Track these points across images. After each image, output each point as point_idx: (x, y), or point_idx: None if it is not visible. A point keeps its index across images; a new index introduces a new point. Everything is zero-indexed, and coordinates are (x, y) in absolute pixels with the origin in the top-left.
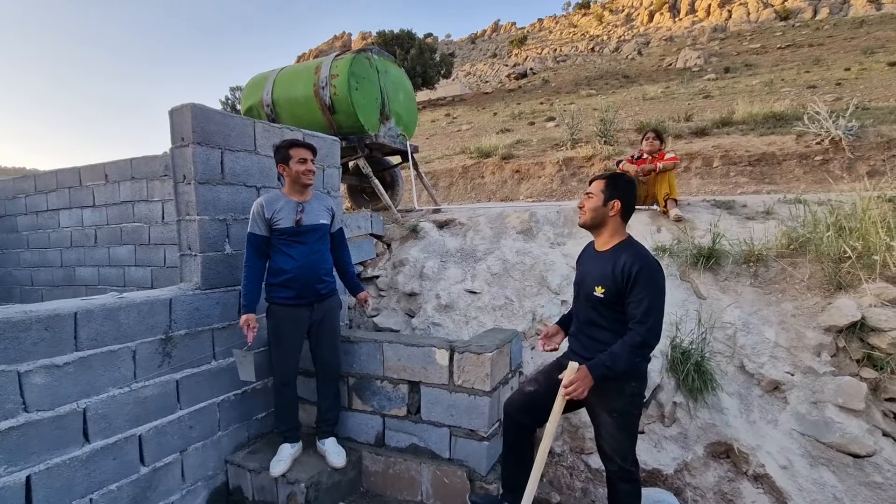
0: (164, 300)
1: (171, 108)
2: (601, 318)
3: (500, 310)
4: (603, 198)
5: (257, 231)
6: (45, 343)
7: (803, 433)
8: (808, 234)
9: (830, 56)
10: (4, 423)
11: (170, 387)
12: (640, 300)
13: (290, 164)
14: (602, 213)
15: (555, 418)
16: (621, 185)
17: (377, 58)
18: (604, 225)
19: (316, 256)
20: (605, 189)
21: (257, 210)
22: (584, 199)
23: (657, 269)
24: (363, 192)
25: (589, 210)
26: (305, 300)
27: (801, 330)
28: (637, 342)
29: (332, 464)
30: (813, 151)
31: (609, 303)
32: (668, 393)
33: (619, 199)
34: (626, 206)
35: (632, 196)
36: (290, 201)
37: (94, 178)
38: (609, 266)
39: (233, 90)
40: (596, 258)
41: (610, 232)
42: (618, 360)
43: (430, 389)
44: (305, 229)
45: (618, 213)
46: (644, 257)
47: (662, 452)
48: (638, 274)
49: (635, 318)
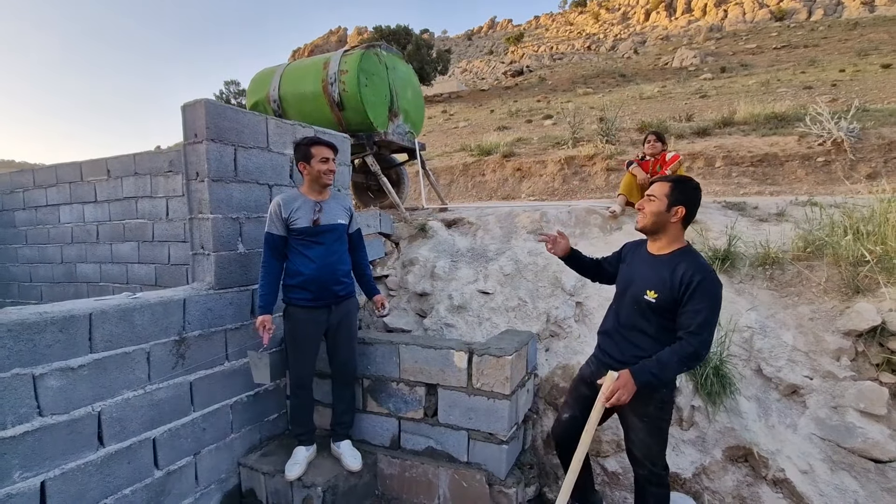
0: (178, 300)
1: (184, 103)
2: (647, 324)
3: (514, 311)
4: (667, 202)
5: (274, 231)
6: (60, 345)
7: (824, 438)
8: (824, 236)
9: (825, 57)
10: (20, 427)
11: (183, 389)
12: (697, 311)
13: (312, 163)
14: (664, 218)
15: (591, 427)
16: (688, 191)
17: (386, 54)
18: (664, 230)
19: (334, 258)
20: (669, 193)
21: (275, 209)
22: (643, 202)
23: (718, 282)
24: (369, 189)
25: (650, 214)
26: (323, 302)
27: (819, 334)
28: (689, 353)
29: (349, 467)
30: (815, 153)
31: (659, 309)
32: (687, 396)
33: (683, 206)
34: (689, 213)
35: (697, 202)
36: (308, 200)
37: (95, 173)
38: (666, 272)
39: (227, 84)
40: (650, 262)
41: (669, 238)
42: (666, 370)
43: (447, 392)
44: (323, 229)
45: (680, 220)
46: (706, 269)
47: (681, 456)
48: (699, 284)
49: (689, 328)
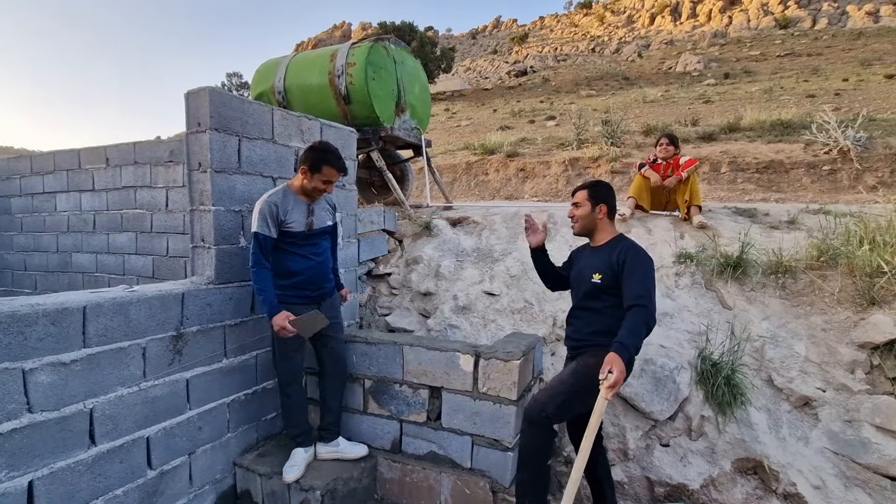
0: (176, 294)
1: (188, 90)
2: (596, 303)
3: (519, 313)
4: (590, 206)
5: (267, 233)
6: (52, 339)
7: (837, 452)
8: (839, 246)
9: (828, 66)
10: (7, 424)
11: (179, 386)
12: (638, 280)
13: (314, 177)
14: (592, 218)
15: (596, 422)
16: (603, 190)
17: (394, 47)
18: (596, 228)
19: (323, 257)
20: (589, 198)
21: (270, 210)
22: (572, 209)
23: (646, 255)
24: (372, 185)
25: (580, 218)
26: (314, 299)
27: (832, 345)
28: (648, 315)
29: (358, 454)
30: (821, 161)
31: (605, 288)
32: (696, 406)
33: (604, 204)
34: (610, 208)
35: (614, 197)
36: (300, 202)
37: (94, 161)
38: (605, 257)
39: (230, 76)
40: (592, 253)
41: (603, 233)
42: (636, 335)
43: (452, 395)
44: (316, 232)
45: (605, 215)
46: (636, 247)
47: (689, 467)
48: (631, 259)
49: (637, 294)
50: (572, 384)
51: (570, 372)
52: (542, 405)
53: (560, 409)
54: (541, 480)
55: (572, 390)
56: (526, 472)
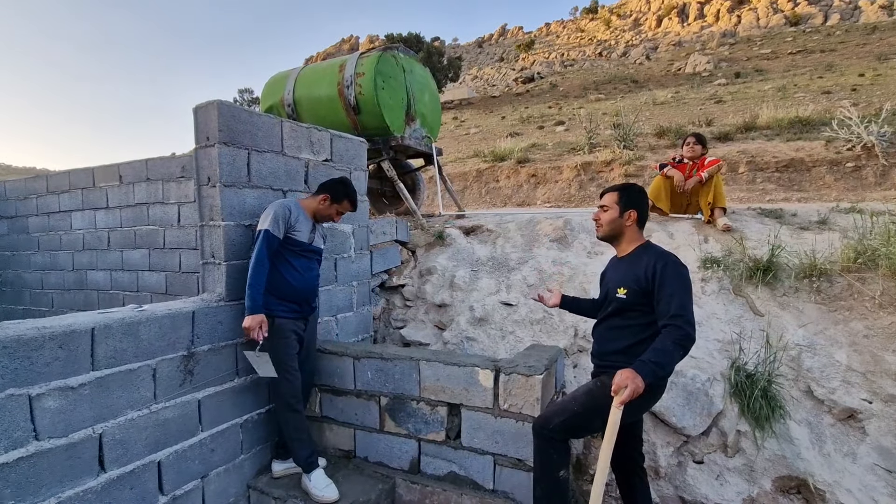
0: (186, 313)
1: (196, 105)
2: (620, 321)
3: (539, 324)
4: (619, 209)
5: (276, 232)
6: (60, 363)
7: (889, 470)
8: (879, 246)
9: (843, 62)
10: (13, 453)
11: (191, 407)
12: (671, 294)
13: (333, 207)
14: (619, 224)
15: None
16: (635, 195)
17: (403, 56)
18: (622, 235)
19: (313, 273)
20: (619, 201)
21: (284, 213)
22: (598, 212)
23: (681, 264)
24: (383, 195)
25: (606, 223)
26: (302, 315)
27: (876, 353)
28: (681, 335)
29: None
30: (844, 158)
31: (630, 304)
32: (731, 420)
33: (634, 209)
34: (641, 215)
35: (646, 203)
36: (309, 220)
37: (107, 179)
38: (631, 269)
39: (241, 92)
40: (617, 265)
41: (629, 240)
42: (665, 355)
43: (472, 413)
44: (314, 248)
45: (634, 223)
46: (668, 256)
47: (725, 486)
48: (664, 270)
49: (670, 312)
50: (584, 402)
51: (585, 390)
52: (546, 419)
53: (566, 426)
54: (556, 495)
55: (585, 408)
56: (539, 486)
